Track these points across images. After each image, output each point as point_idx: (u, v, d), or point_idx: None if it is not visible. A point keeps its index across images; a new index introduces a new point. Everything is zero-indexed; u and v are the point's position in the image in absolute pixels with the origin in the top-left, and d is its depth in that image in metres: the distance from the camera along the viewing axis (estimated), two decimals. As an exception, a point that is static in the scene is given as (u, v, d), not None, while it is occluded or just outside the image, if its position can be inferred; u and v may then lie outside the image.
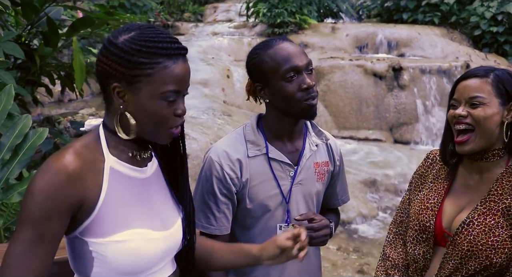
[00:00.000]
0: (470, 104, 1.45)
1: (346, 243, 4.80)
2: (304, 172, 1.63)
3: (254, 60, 1.56)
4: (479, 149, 1.47)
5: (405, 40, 8.92)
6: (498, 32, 8.85)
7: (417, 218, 1.57)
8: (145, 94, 1.10)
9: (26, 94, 3.07)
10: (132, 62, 1.08)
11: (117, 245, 1.10)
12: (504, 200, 1.44)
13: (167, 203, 1.27)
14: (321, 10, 10.58)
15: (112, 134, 1.16)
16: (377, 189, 5.82)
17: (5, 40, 2.81)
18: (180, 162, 1.30)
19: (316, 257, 1.74)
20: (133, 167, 1.19)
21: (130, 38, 1.10)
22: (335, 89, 7.54)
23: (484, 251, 1.41)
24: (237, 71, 7.40)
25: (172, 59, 1.11)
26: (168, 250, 1.23)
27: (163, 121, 1.14)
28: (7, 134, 2.05)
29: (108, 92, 1.13)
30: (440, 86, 7.50)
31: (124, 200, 1.15)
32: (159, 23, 10.00)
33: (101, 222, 1.10)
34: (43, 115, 5.57)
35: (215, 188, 1.55)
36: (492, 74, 1.46)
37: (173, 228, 1.24)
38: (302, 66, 1.51)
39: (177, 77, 1.13)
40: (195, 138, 5.00)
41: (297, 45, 1.58)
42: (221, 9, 12.59)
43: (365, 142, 7.30)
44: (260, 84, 1.57)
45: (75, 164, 1.06)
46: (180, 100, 1.17)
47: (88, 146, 1.13)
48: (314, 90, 1.52)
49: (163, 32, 1.14)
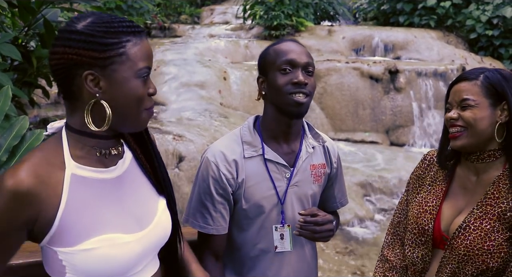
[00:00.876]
0: (461, 107, 1.48)
1: (342, 245, 4.81)
2: (300, 174, 1.64)
3: (263, 54, 1.65)
4: (472, 147, 1.48)
5: (401, 43, 8.96)
6: (494, 35, 8.91)
7: (415, 221, 1.58)
8: (121, 74, 1.07)
9: (23, 96, 3.07)
10: (103, 44, 1.04)
11: (85, 254, 1.07)
12: (500, 204, 1.44)
13: (143, 200, 1.23)
14: (317, 12, 10.61)
15: (77, 135, 1.11)
16: (374, 191, 5.84)
17: (2, 42, 2.81)
18: (153, 150, 1.28)
19: (313, 258, 1.75)
20: (99, 169, 1.14)
21: (90, 23, 1.06)
22: (332, 91, 7.56)
23: (480, 255, 1.41)
24: (234, 73, 7.41)
25: (137, 36, 1.09)
26: (145, 251, 1.18)
27: (140, 101, 1.11)
28: (4, 135, 2.05)
29: (75, 85, 1.07)
30: (436, 88, 7.53)
31: (90, 206, 1.10)
32: (156, 25, 10.01)
33: (65, 232, 1.06)
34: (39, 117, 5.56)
35: (211, 188, 1.56)
36: (482, 76, 1.47)
37: (150, 227, 1.20)
38: (299, 62, 1.55)
39: (147, 53, 1.11)
40: (191, 140, 5.00)
41: (304, 47, 1.63)
42: (218, 11, 12.60)
43: (361, 144, 7.33)
44: (262, 76, 1.63)
45: (27, 183, 1.01)
46: (149, 79, 1.14)
47: (46, 156, 1.08)
48: (305, 87, 1.54)
49: (117, 15, 1.12)
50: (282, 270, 1.64)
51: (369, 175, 6.00)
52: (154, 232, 1.21)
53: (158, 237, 1.23)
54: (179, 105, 6.53)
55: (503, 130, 1.47)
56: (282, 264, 1.64)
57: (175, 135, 5.07)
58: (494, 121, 1.46)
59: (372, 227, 5.22)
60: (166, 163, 4.68)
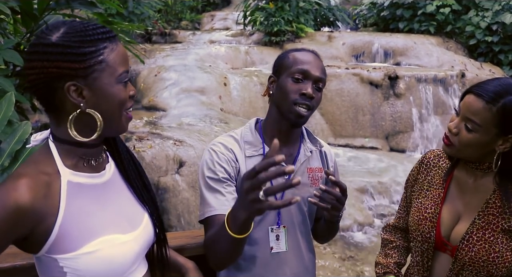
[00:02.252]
0: (465, 123, 1.41)
1: (341, 250, 4.82)
2: (298, 176, 1.66)
3: (281, 55, 1.69)
4: (463, 159, 1.50)
5: (401, 49, 8.98)
6: (493, 41, 8.94)
7: (417, 228, 1.59)
8: (104, 81, 1.07)
9: (25, 101, 3.08)
10: (81, 54, 1.04)
11: (89, 256, 1.08)
12: (503, 215, 1.44)
13: (131, 202, 1.26)
14: (317, 19, 10.64)
15: (64, 145, 1.12)
16: (373, 197, 5.84)
17: (5, 48, 2.84)
18: (123, 157, 1.28)
19: (310, 259, 1.76)
20: (91, 175, 1.16)
21: (64, 33, 1.05)
22: (332, 97, 7.59)
23: (486, 267, 1.43)
24: (234, 79, 7.44)
25: (113, 41, 1.10)
26: (140, 249, 1.22)
27: (123, 105, 1.12)
28: (7, 140, 2.07)
29: (57, 97, 1.07)
30: (436, 94, 7.55)
31: (87, 210, 1.12)
32: (156, 31, 10.03)
33: (66, 238, 1.07)
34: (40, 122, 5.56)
35: (218, 173, 1.58)
36: (501, 103, 1.34)
37: (141, 227, 1.23)
38: (312, 75, 1.59)
39: (124, 57, 1.12)
40: (191, 145, 5.01)
41: (321, 62, 1.65)
42: (218, 18, 12.64)
43: (361, 150, 7.34)
44: (274, 76, 1.67)
45: (26, 198, 1.01)
46: (128, 82, 1.15)
47: (40, 168, 1.08)
48: (310, 101, 1.58)
49: (87, 21, 1.11)
50: (278, 270, 1.66)
51: (369, 181, 6.01)
52: (146, 231, 1.25)
53: (149, 236, 1.27)
54: (180, 111, 6.55)
55: (496, 156, 1.42)
56: (279, 264, 1.66)
57: (175, 140, 5.08)
58: (491, 149, 1.41)
59: (372, 232, 5.22)
60: (166, 168, 4.71)
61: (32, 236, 1.05)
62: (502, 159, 1.41)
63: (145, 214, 1.28)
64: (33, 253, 1.11)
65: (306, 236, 1.74)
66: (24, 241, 1.06)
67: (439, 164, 1.65)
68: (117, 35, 1.13)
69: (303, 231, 1.72)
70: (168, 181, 4.64)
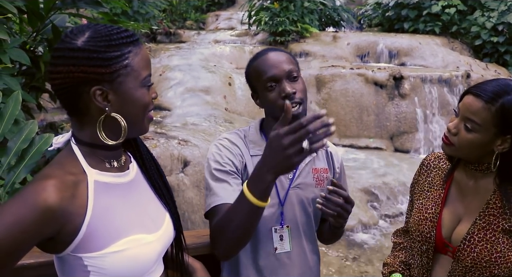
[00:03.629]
0: (464, 123, 1.42)
1: (346, 250, 4.81)
2: (302, 177, 1.66)
3: (247, 72, 1.67)
4: (463, 159, 1.50)
5: (406, 49, 8.97)
6: (499, 42, 8.91)
7: (417, 229, 1.59)
8: (128, 85, 1.09)
9: (31, 100, 3.10)
10: (107, 59, 1.05)
11: (115, 256, 1.09)
12: (503, 215, 1.45)
13: (154, 201, 1.28)
14: (322, 19, 10.64)
15: (86, 147, 1.13)
16: (378, 197, 5.84)
17: (12, 47, 2.85)
18: (145, 157, 1.30)
19: (314, 260, 1.76)
20: (117, 174, 1.17)
21: (89, 38, 1.06)
22: (336, 97, 7.58)
23: (488, 267, 1.43)
24: (239, 79, 7.44)
25: (136, 45, 1.11)
26: (162, 250, 1.23)
27: (146, 107, 1.14)
28: (14, 139, 2.07)
29: (82, 101, 1.08)
30: (441, 95, 7.53)
31: (115, 209, 1.13)
32: (161, 31, 10.05)
33: (93, 237, 1.08)
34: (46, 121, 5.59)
35: (225, 165, 1.59)
36: (500, 103, 1.36)
37: (163, 227, 1.24)
38: (280, 75, 1.56)
39: (147, 61, 1.13)
40: (196, 145, 5.02)
41: (283, 54, 1.62)
42: (223, 17, 12.65)
43: (365, 150, 7.33)
44: (254, 94, 1.67)
45: (54, 198, 1.01)
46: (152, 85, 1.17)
47: (66, 168, 1.09)
48: (295, 96, 1.55)
49: (112, 25, 1.12)
50: (282, 271, 1.66)
51: (373, 181, 6.01)
52: (167, 232, 1.26)
53: (169, 236, 1.28)
54: (184, 110, 6.56)
55: (495, 157, 1.43)
56: (283, 265, 1.65)
57: (180, 140, 5.09)
58: (489, 149, 1.42)
59: (376, 233, 5.22)
60: (171, 167, 4.72)
61: (58, 236, 1.06)
62: (501, 160, 1.42)
63: (166, 214, 1.29)
64: (56, 253, 1.11)
65: (310, 237, 1.74)
66: (49, 241, 1.06)
67: (439, 166, 1.65)
68: (139, 39, 1.14)
69: (307, 231, 1.71)
70: (173, 181, 4.65)
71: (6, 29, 2.92)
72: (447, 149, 1.49)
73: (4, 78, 2.67)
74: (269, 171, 1.22)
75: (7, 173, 2.04)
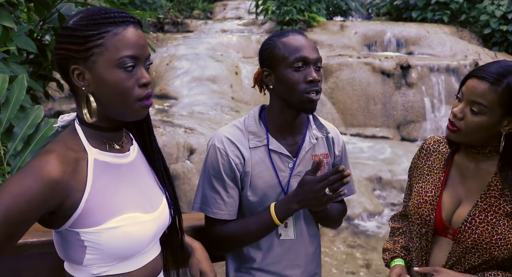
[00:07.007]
0: (470, 107, 1.41)
1: (351, 238, 4.84)
2: (303, 164, 1.67)
3: (268, 45, 1.60)
4: (466, 143, 1.50)
5: (414, 38, 8.92)
6: (508, 30, 8.83)
7: (417, 212, 1.60)
8: (101, 65, 1.08)
9: (38, 88, 3.13)
10: (82, 37, 1.06)
11: (111, 232, 1.11)
12: (504, 198, 1.45)
13: (152, 183, 1.30)
14: (330, 8, 10.59)
15: (87, 127, 1.16)
16: (383, 186, 5.84)
17: (19, 35, 2.88)
18: (149, 141, 1.31)
19: (315, 246, 1.77)
20: (117, 155, 1.19)
21: (79, 18, 1.09)
22: (343, 86, 7.57)
23: (488, 249, 1.43)
24: (245, 68, 7.45)
25: (120, 26, 1.09)
26: (158, 230, 1.25)
27: (126, 92, 1.10)
28: (20, 124, 2.10)
29: (71, 80, 1.10)
30: (448, 84, 7.50)
31: (112, 188, 1.15)
32: (169, 20, 10.06)
33: (90, 213, 1.10)
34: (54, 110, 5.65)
35: (222, 173, 1.59)
36: (505, 83, 1.35)
37: (160, 209, 1.27)
38: (311, 59, 1.54)
39: (130, 42, 1.09)
40: (202, 133, 5.06)
41: (311, 40, 1.61)
42: (230, 7, 12.62)
43: (372, 139, 7.33)
44: (268, 69, 1.61)
45: (57, 171, 1.04)
46: (140, 69, 1.12)
47: (68, 145, 1.12)
48: (318, 85, 1.55)
49: (112, 8, 1.12)
50: (285, 257, 1.68)
51: (379, 170, 6.01)
52: (163, 214, 1.28)
53: (165, 219, 1.30)
54: (191, 99, 6.59)
55: (503, 138, 1.43)
56: (285, 251, 1.67)
57: (186, 128, 5.13)
58: (496, 131, 1.42)
59: (381, 221, 5.24)
60: (177, 155, 4.77)
61: (59, 210, 1.09)
62: (506, 141, 1.42)
63: (163, 198, 1.31)
64: (55, 228, 1.14)
65: (311, 223, 1.75)
66: (50, 215, 1.10)
67: (439, 149, 1.65)
68: (135, 22, 1.13)
69: (307, 218, 1.73)
70: (179, 168, 4.70)
71: (14, 18, 2.95)
72: (453, 135, 1.47)
73: (11, 66, 2.71)
74: (298, 204, 1.55)
75: (13, 158, 2.07)
